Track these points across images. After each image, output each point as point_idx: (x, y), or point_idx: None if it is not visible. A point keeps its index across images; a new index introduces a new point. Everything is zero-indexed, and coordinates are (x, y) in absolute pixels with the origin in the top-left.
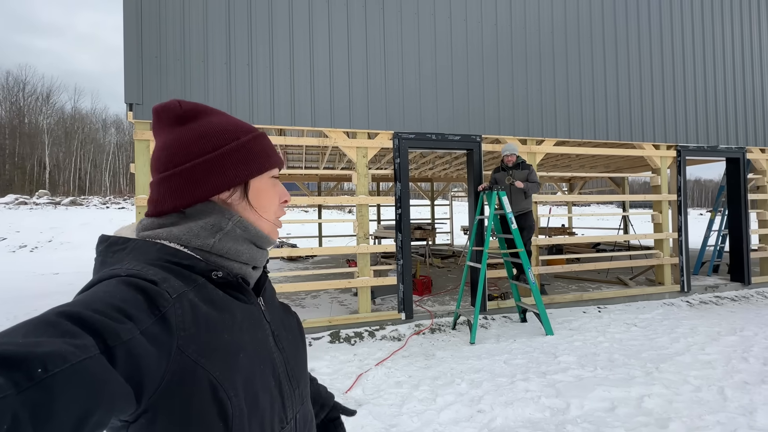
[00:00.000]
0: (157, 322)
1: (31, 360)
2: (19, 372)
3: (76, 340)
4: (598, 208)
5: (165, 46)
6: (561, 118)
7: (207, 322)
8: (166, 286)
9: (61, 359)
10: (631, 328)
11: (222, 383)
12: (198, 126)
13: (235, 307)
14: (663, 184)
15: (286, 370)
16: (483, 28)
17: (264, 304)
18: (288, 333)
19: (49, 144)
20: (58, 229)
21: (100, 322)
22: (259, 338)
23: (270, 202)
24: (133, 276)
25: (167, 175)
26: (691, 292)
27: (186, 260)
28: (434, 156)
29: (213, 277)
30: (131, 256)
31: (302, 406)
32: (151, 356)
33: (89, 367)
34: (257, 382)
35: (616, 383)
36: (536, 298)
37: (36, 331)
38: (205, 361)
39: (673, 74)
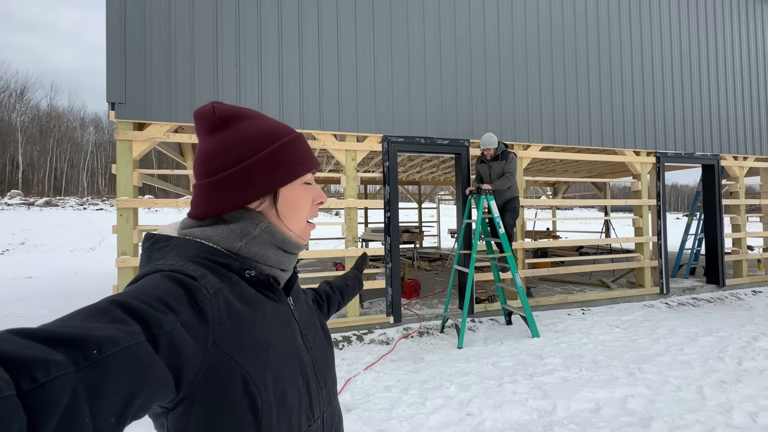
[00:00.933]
0: (196, 315)
1: (88, 342)
2: (79, 352)
3: (126, 326)
4: (581, 212)
5: (150, 45)
6: (546, 124)
7: (240, 318)
8: (204, 282)
9: (113, 343)
10: (614, 330)
11: (253, 377)
12: (228, 134)
13: (266, 305)
14: (643, 189)
15: (314, 369)
16: (471, 35)
17: (293, 303)
18: (315, 333)
19: (22, 142)
20: (32, 230)
21: (146, 312)
22: (288, 336)
23: (301, 208)
24: (175, 271)
25: (203, 183)
26: (669, 294)
27: (222, 258)
28: (422, 159)
29: (246, 276)
30: (173, 253)
31: (329, 406)
32: (190, 347)
33: (137, 351)
34: (286, 379)
35: (600, 384)
36: (523, 301)
37: (91, 317)
38: (238, 355)
39: (653, 84)
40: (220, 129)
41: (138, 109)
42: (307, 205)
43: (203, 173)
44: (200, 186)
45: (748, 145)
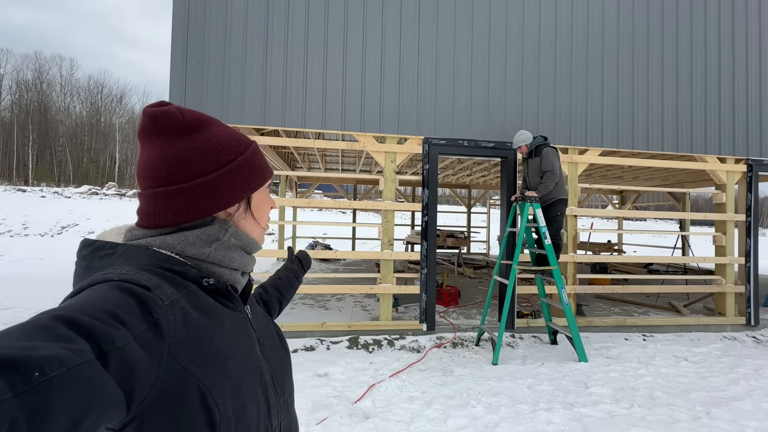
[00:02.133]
0: (150, 328)
1: (28, 363)
2: (17, 375)
3: (72, 344)
4: (655, 224)
5: (207, 52)
6: (608, 126)
7: (197, 329)
8: (158, 292)
9: (57, 363)
10: (681, 362)
11: (211, 390)
12: (201, 139)
13: (224, 314)
14: (729, 202)
15: (272, 378)
16: (524, 31)
17: (250, 311)
18: (272, 341)
19: (119, 141)
20: (122, 218)
21: (95, 327)
22: (246, 346)
23: (266, 211)
24: (127, 281)
25: (169, 190)
26: (759, 327)
27: (178, 266)
28: (472, 162)
29: (204, 284)
30: (121, 261)
31: (287, 414)
32: (143, 362)
33: (85, 371)
34: (245, 390)
35: (655, 425)
36: (569, 319)
37: (31, 334)
38: (195, 368)
39: (747, 76)
40: (189, 133)
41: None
42: (269, 207)
43: (172, 179)
44: (163, 193)
45: None
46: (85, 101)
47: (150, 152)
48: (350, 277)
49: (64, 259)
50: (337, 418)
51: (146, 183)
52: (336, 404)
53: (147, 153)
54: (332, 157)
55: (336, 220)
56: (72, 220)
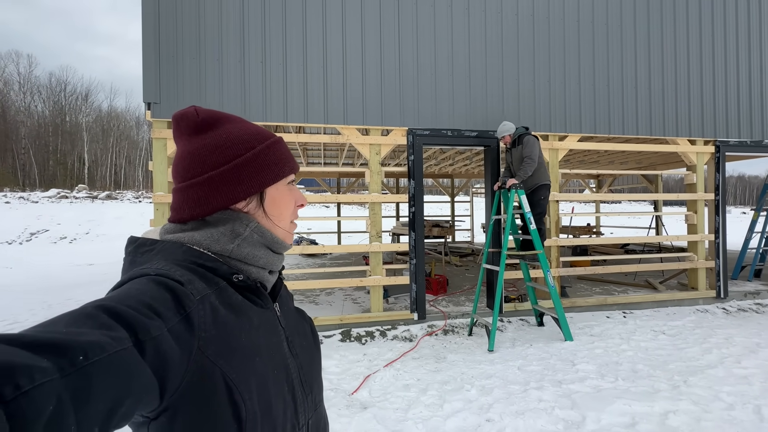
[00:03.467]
0: (182, 321)
1: (74, 348)
2: (64, 358)
3: (112, 332)
4: (629, 206)
5: (181, 46)
6: (586, 113)
7: (226, 325)
8: (191, 287)
9: (99, 349)
10: (659, 336)
11: (238, 386)
12: (214, 135)
13: (253, 311)
14: (699, 182)
15: (300, 376)
16: (503, 19)
17: (279, 309)
18: (302, 339)
19: (87, 141)
20: (95, 221)
21: (133, 317)
22: (274, 343)
23: (285, 209)
24: (162, 275)
25: (185, 185)
26: (728, 299)
27: (210, 263)
28: (454, 152)
29: (234, 281)
30: (159, 257)
31: (315, 413)
32: (176, 354)
33: (124, 357)
34: (271, 387)
35: (638, 396)
36: (555, 301)
37: (77, 322)
38: (223, 362)
39: (713, 63)
40: (204, 131)
41: (171, 108)
42: (291, 205)
43: (187, 175)
44: (185, 187)
45: None
46: (47, 100)
47: (177, 151)
48: (339, 271)
49: (38, 267)
50: (335, 410)
51: (174, 180)
52: (333, 397)
53: (176, 153)
54: (314, 150)
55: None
56: (41, 226)
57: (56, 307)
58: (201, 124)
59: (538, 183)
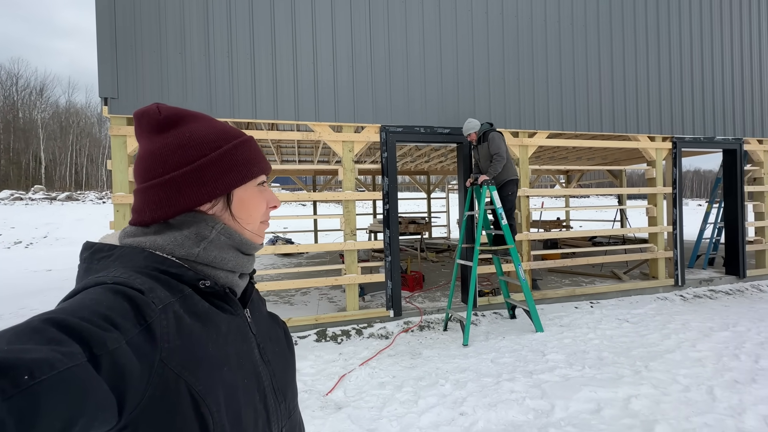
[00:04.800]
0: (142, 333)
1: (17, 366)
2: (6, 379)
3: (63, 347)
4: (597, 200)
5: (141, 37)
6: (554, 110)
7: (191, 335)
8: (152, 296)
9: (48, 366)
10: (623, 324)
11: (204, 398)
12: (177, 134)
13: (220, 319)
14: (658, 176)
15: (272, 384)
16: (473, 17)
17: (250, 315)
18: (275, 345)
19: (44, 139)
20: (54, 224)
21: (86, 330)
22: (244, 351)
23: (255, 210)
24: (120, 284)
25: (146, 186)
26: (685, 286)
27: (174, 269)
28: (429, 149)
29: (200, 287)
30: (118, 263)
31: (289, 420)
32: (135, 367)
33: (76, 374)
34: (240, 397)
35: (603, 383)
36: (526, 294)
37: (21, 337)
38: (188, 374)
39: (670, 65)
40: (166, 129)
41: (131, 103)
42: (261, 207)
43: (148, 175)
44: (146, 188)
45: None
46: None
47: (138, 152)
48: (314, 270)
49: None
50: (309, 412)
51: (135, 181)
52: (307, 398)
53: (138, 153)
54: (288, 148)
55: (296, 213)
56: None
57: (8, 318)
58: (163, 122)
59: (505, 179)
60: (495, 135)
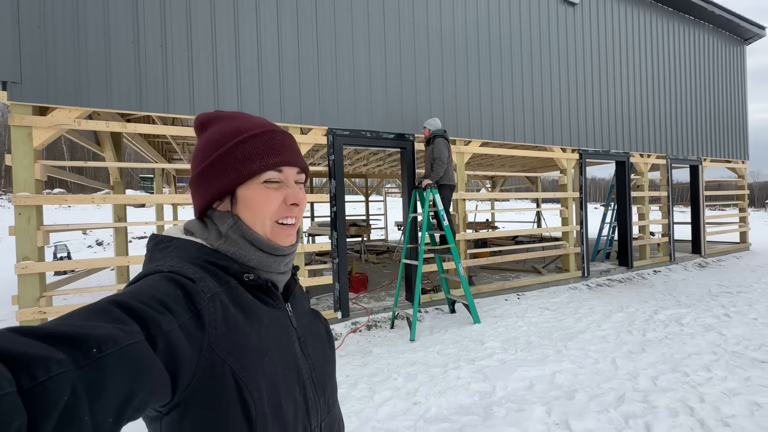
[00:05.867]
0: (193, 318)
1: (88, 341)
2: (79, 351)
3: (125, 326)
4: (516, 203)
5: (51, 16)
6: (485, 121)
7: (236, 324)
8: (202, 285)
9: (112, 342)
10: (544, 312)
11: (248, 384)
12: (204, 136)
13: (263, 311)
14: (569, 182)
15: (312, 377)
16: (415, 31)
17: (292, 310)
18: (315, 340)
19: None
20: None
21: (145, 312)
22: (284, 343)
23: (260, 209)
24: (174, 272)
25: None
26: (590, 277)
27: (222, 261)
28: (368, 152)
29: (245, 279)
30: (174, 254)
31: (328, 415)
32: (186, 349)
33: (136, 350)
34: (281, 387)
35: (533, 363)
36: (465, 289)
37: (91, 316)
38: (233, 360)
39: (576, 88)
40: (200, 132)
41: (39, 90)
42: (269, 205)
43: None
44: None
45: (651, 144)
46: None
47: None
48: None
49: None
50: None
51: None
52: None
53: None
54: None
55: None
56: None
57: None
58: (197, 125)
59: (440, 183)
60: (439, 140)
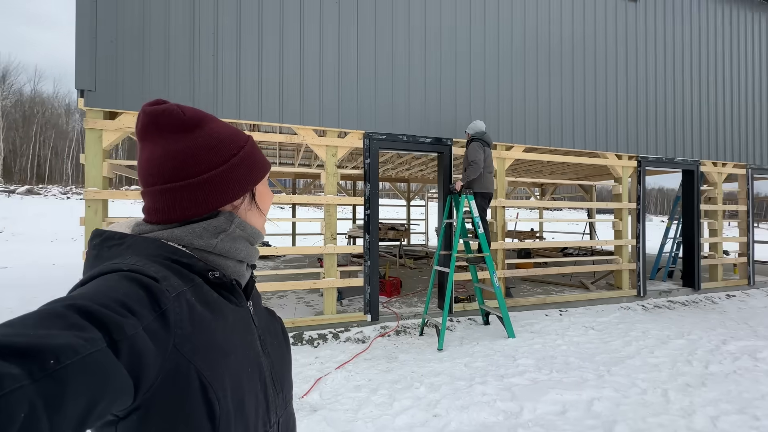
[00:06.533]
0: (157, 319)
1: (44, 351)
2: (34, 363)
3: (85, 333)
4: (569, 213)
5: (123, 31)
6: (530, 126)
7: (201, 322)
8: (166, 284)
9: (72, 351)
10: (589, 332)
11: (212, 383)
12: (204, 135)
13: (228, 309)
14: (624, 192)
15: (272, 375)
16: (457, 34)
17: (252, 308)
18: (273, 338)
19: (4, 128)
20: (11, 219)
21: (106, 316)
22: (248, 341)
23: (269, 202)
24: (135, 271)
25: (177, 186)
26: (646, 297)
27: (185, 259)
28: (411, 157)
29: (210, 277)
30: (130, 251)
31: (285, 411)
32: (150, 352)
33: (98, 359)
34: (244, 385)
35: (569, 386)
36: (500, 301)
37: (45, 322)
38: (198, 360)
39: (636, 89)
40: (191, 130)
41: (109, 97)
42: (270, 199)
43: (180, 175)
44: (170, 189)
45: (727, 151)
46: None
47: (153, 150)
48: (293, 273)
49: None
50: None
51: (151, 180)
52: None
53: (149, 151)
54: (269, 150)
55: (274, 215)
56: None
57: None
58: (188, 123)
59: (475, 191)
60: (474, 143)
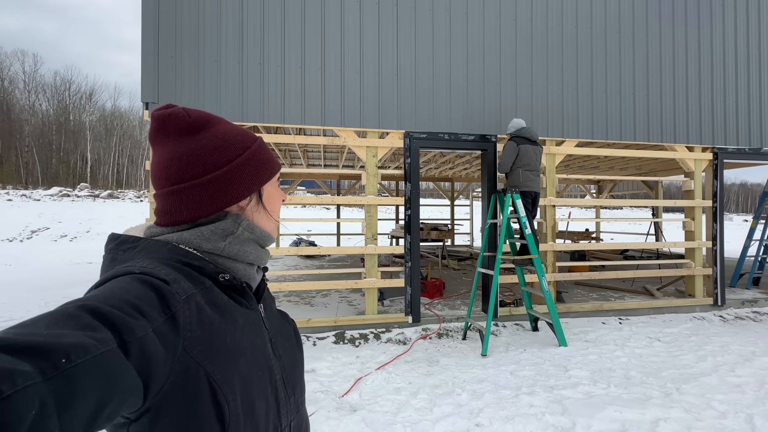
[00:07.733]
0: (167, 321)
1: (56, 350)
2: (46, 361)
3: (96, 333)
4: (631, 212)
5: (180, 47)
6: (583, 118)
7: (211, 325)
8: (176, 286)
9: (83, 351)
10: (654, 343)
11: (222, 386)
12: (209, 137)
13: (238, 312)
14: (696, 188)
15: (283, 378)
16: (501, 24)
17: (263, 310)
18: (285, 341)
19: (90, 140)
20: (96, 220)
21: (117, 317)
22: (258, 344)
23: (278, 203)
24: (147, 274)
25: (182, 187)
26: (725, 306)
27: (196, 261)
28: (454, 155)
29: (220, 280)
30: (143, 255)
31: (297, 414)
32: (160, 354)
33: (108, 359)
34: (254, 388)
35: (629, 403)
36: (549, 306)
37: (58, 323)
38: (208, 363)
39: (711, 70)
40: (196, 131)
41: None
42: (280, 200)
43: (185, 176)
44: (178, 191)
45: None
46: (51, 99)
47: (162, 153)
48: (335, 273)
49: (38, 264)
50: (324, 412)
51: (161, 183)
52: (323, 399)
53: (159, 154)
54: (314, 152)
55: (320, 216)
56: (42, 224)
57: (53, 305)
58: (193, 125)
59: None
60: (507, 144)
